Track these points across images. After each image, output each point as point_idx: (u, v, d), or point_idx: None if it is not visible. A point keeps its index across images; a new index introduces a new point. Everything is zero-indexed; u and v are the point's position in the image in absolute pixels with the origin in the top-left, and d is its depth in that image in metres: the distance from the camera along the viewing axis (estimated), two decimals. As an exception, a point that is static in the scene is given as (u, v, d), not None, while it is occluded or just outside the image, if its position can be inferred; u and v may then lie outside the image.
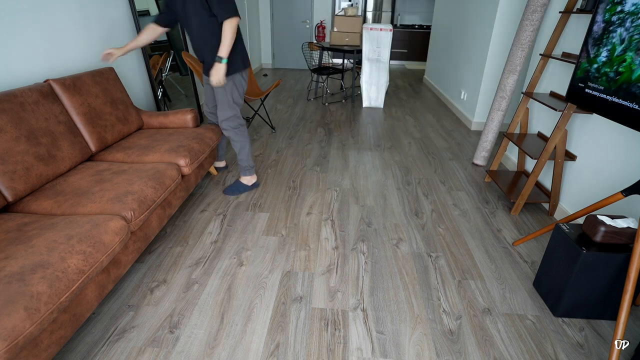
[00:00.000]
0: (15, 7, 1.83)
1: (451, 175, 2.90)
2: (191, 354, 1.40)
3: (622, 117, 1.52)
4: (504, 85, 2.78)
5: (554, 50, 2.48)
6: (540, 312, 1.64)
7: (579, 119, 2.19)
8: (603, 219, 1.50)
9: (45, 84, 1.87)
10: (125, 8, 2.71)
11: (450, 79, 4.86)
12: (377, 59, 4.61)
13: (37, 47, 1.97)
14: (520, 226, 2.25)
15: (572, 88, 1.87)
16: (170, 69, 3.43)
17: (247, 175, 2.54)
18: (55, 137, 1.80)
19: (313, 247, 2.02)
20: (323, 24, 6.04)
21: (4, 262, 1.19)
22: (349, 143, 3.54)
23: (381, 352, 1.43)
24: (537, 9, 2.47)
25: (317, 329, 1.52)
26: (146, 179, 1.77)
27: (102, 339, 1.46)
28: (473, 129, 3.98)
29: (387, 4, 7.83)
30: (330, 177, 2.83)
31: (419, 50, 8.10)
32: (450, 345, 1.46)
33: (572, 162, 2.24)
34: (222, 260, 1.91)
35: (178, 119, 2.50)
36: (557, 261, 1.60)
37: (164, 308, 1.61)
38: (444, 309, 1.64)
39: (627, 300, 1.33)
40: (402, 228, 2.21)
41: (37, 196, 1.65)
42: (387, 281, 1.79)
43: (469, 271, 1.87)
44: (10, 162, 1.57)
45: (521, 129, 2.72)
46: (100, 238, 1.37)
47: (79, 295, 1.32)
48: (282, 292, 1.71)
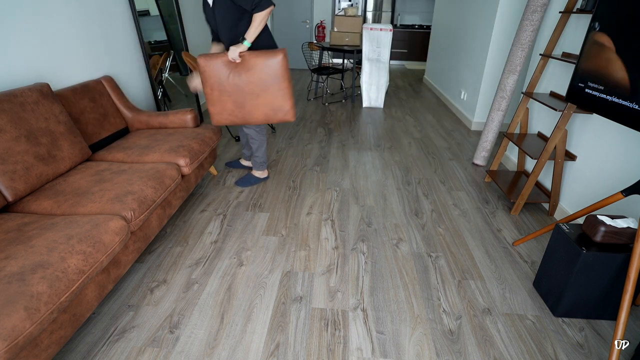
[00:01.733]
0: (15, 7, 1.83)
1: (451, 175, 2.90)
2: (191, 354, 1.40)
3: (622, 117, 1.52)
4: (504, 85, 2.78)
5: (554, 50, 2.47)
6: (540, 312, 1.64)
7: (579, 119, 2.19)
8: (603, 219, 1.50)
9: (45, 84, 1.87)
10: (125, 8, 2.71)
11: (450, 79, 4.86)
12: (377, 59, 4.61)
13: (37, 47, 1.97)
14: (520, 226, 2.25)
15: (572, 88, 1.87)
16: (170, 69, 3.43)
17: (260, 169, 2.70)
18: (55, 137, 1.80)
19: (313, 247, 2.02)
20: (323, 24, 6.04)
21: (4, 262, 1.19)
22: (349, 143, 3.54)
23: (381, 352, 1.43)
24: (537, 9, 2.47)
25: (317, 329, 1.52)
26: (146, 178, 1.77)
27: (102, 339, 1.46)
28: (473, 129, 3.98)
29: (387, 4, 7.83)
30: (330, 177, 2.83)
31: (419, 50, 8.10)
32: (450, 345, 1.46)
33: (572, 162, 2.24)
34: (222, 260, 1.91)
35: (178, 119, 2.50)
36: (557, 261, 1.60)
37: (164, 308, 1.61)
38: (444, 309, 1.64)
39: (627, 300, 1.33)
40: (402, 228, 2.21)
41: (37, 196, 1.65)
42: (387, 281, 1.79)
43: (469, 271, 1.87)
44: (11, 162, 1.57)
45: (521, 129, 2.72)
46: (100, 238, 1.37)
47: (79, 295, 1.32)
48: (282, 292, 1.71)
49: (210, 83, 2.18)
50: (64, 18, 2.14)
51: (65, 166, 1.84)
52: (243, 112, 2.27)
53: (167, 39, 3.37)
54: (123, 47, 2.69)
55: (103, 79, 2.39)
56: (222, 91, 2.19)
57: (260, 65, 2.15)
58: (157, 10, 3.17)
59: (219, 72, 2.15)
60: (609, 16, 1.59)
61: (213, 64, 2.14)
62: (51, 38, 2.06)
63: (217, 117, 2.29)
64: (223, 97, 2.22)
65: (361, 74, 4.69)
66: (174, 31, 3.47)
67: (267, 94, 2.23)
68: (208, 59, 2.14)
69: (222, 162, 3.06)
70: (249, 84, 2.19)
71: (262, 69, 2.16)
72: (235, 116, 2.28)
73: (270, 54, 2.15)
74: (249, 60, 2.15)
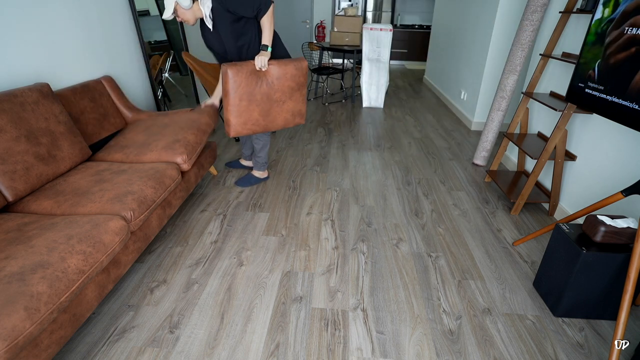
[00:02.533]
0: (15, 7, 1.83)
1: (451, 175, 2.90)
2: (191, 354, 1.40)
3: (622, 117, 1.52)
4: (504, 85, 2.78)
5: (554, 50, 2.48)
6: (540, 312, 1.64)
7: (579, 119, 2.19)
8: (603, 219, 1.50)
9: (45, 84, 1.87)
10: (125, 8, 2.71)
11: (450, 79, 4.86)
12: (377, 59, 4.61)
13: (37, 47, 1.97)
14: (520, 226, 2.25)
15: (572, 88, 1.87)
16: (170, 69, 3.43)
17: (261, 170, 2.71)
18: (55, 137, 1.80)
19: (313, 247, 2.02)
20: (323, 24, 6.04)
21: (4, 262, 1.19)
22: (349, 143, 3.54)
23: (381, 352, 1.43)
24: (537, 9, 2.47)
25: (317, 329, 1.52)
26: (146, 178, 1.77)
27: (102, 339, 1.46)
28: (473, 129, 3.98)
29: (387, 4, 7.83)
30: (330, 177, 2.83)
31: (419, 50, 8.10)
32: (450, 345, 1.46)
33: (572, 162, 2.24)
34: (222, 260, 1.91)
35: (178, 119, 2.50)
36: (557, 261, 1.60)
37: (164, 308, 1.61)
38: (444, 309, 1.64)
39: (627, 300, 1.33)
40: (402, 228, 2.21)
41: (37, 196, 1.65)
42: (387, 281, 1.79)
43: (469, 271, 1.87)
44: (11, 162, 1.57)
45: (521, 129, 2.72)
46: (100, 238, 1.37)
47: (79, 295, 1.32)
48: (282, 292, 1.71)
49: (239, 93, 2.13)
50: (64, 18, 2.14)
51: (66, 166, 1.84)
52: (267, 120, 2.28)
53: (167, 39, 3.37)
54: (123, 47, 2.69)
55: (103, 79, 2.39)
56: (252, 100, 2.18)
57: (290, 72, 2.21)
58: (157, 10, 3.17)
59: (249, 81, 2.14)
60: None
61: (243, 73, 2.11)
62: (51, 38, 2.06)
63: (239, 127, 2.22)
64: (251, 106, 2.19)
65: (361, 74, 4.69)
66: (174, 31, 3.47)
67: (292, 100, 2.29)
68: (238, 68, 2.10)
69: (222, 162, 3.07)
70: (277, 91, 2.22)
71: (290, 76, 2.22)
72: (259, 125, 2.27)
73: (296, 62, 2.22)
74: (276, 68, 2.18)
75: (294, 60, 2.23)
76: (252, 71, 2.14)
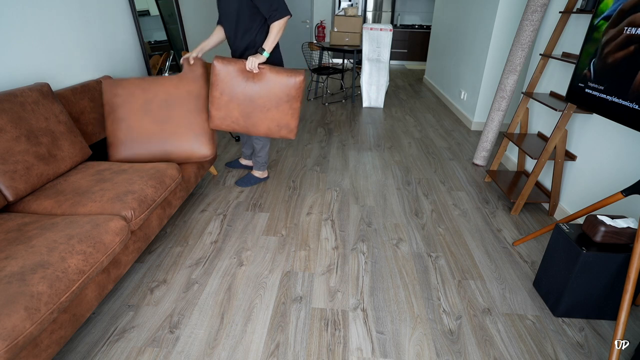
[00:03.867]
0: (15, 7, 1.83)
1: (451, 175, 2.90)
2: (191, 354, 1.40)
3: (622, 117, 1.52)
4: (504, 85, 2.78)
5: (554, 50, 2.48)
6: (540, 312, 1.64)
7: (579, 119, 2.19)
8: (603, 219, 1.50)
9: (45, 84, 1.87)
10: (125, 8, 2.71)
11: (450, 79, 4.86)
12: (377, 59, 4.61)
13: (37, 48, 1.97)
14: (520, 226, 2.26)
15: (572, 88, 1.87)
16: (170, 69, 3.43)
17: (261, 170, 2.71)
18: (55, 137, 1.80)
19: (313, 247, 2.02)
20: (323, 24, 6.04)
21: (4, 262, 1.19)
22: (349, 143, 3.54)
23: (381, 352, 1.43)
24: (537, 9, 2.47)
25: (317, 329, 1.52)
26: (146, 178, 1.77)
27: (102, 339, 1.46)
28: (473, 129, 3.98)
29: (387, 4, 7.83)
30: (330, 177, 2.83)
31: (419, 50, 8.10)
32: (450, 345, 1.46)
33: (572, 162, 2.24)
34: (222, 260, 1.91)
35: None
36: (557, 261, 1.60)
37: (164, 308, 1.61)
38: (444, 309, 1.64)
39: (627, 300, 1.33)
40: (402, 228, 2.21)
41: (38, 196, 1.65)
42: (387, 281, 1.79)
43: (469, 271, 1.87)
44: (11, 162, 1.57)
45: (521, 129, 2.73)
46: (100, 238, 1.37)
47: (79, 295, 1.32)
48: (282, 292, 1.71)
49: (221, 87, 2.14)
50: (64, 18, 2.14)
51: (66, 166, 1.84)
52: (247, 123, 2.24)
53: (167, 39, 3.37)
54: (123, 47, 2.69)
55: (103, 79, 2.39)
56: (232, 98, 2.16)
57: (279, 82, 2.14)
58: (157, 10, 3.17)
59: (234, 79, 2.13)
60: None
61: (229, 69, 2.11)
62: (51, 38, 2.06)
63: (218, 121, 2.23)
64: (231, 104, 2.18)
65: (361, 74, 4.69)
66: (174, 31, 3.47)
67: (277, 110, 2.20)
68: (225, 63, 2.10)
69: (222, 162, 3.07)
70: (262, 97, 2.16)
71: (280, 86, 2.14)
72: (238, 124, 2.25)
73: (291, 73, 2.13)
74: (267, 74, 2.14)
75: (289, 70, 2.16)
76: (241, 70, 2.12)
